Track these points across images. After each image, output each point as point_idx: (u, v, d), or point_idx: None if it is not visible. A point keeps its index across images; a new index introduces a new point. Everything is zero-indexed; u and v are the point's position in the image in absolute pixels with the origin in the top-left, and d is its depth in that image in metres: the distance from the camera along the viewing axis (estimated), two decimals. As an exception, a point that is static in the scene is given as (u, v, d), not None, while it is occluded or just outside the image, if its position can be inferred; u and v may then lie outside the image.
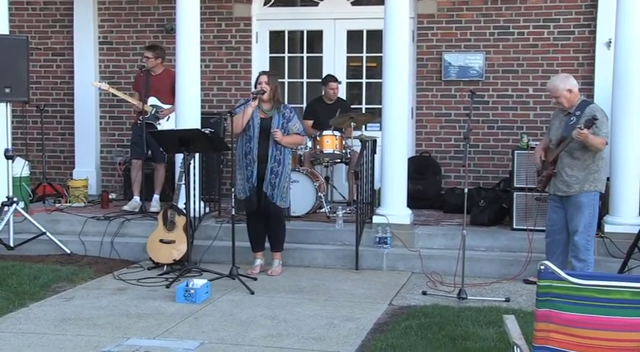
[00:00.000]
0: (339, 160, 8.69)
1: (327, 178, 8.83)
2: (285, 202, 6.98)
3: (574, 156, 6.25)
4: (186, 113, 7.91)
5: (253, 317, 5.66)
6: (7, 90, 7.93)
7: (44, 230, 7.68)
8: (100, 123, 10.22)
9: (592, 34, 8.77)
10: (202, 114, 8.17)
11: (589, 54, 8.82)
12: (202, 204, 7.98)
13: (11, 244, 7.60)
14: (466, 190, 6.41)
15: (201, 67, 8.19)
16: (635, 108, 7.11)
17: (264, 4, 9.82)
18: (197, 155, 7.52)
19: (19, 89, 8.05)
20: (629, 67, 7.09)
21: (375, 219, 7.57)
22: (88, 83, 9.38)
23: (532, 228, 7.08)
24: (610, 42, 8.38)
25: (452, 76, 9.22)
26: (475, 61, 9.15)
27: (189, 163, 6.98)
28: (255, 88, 6.93)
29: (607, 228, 7.16)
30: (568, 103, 6.35)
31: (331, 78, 9.03)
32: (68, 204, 8.97)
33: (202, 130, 6.85)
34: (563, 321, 3.27)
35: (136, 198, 8.64)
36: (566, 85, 6.33)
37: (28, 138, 9.99)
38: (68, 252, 7.64)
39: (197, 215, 7.68)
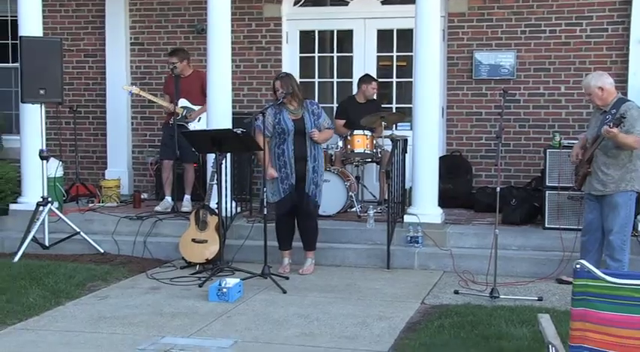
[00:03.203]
0: (369, 160, 8.68)
1: (357, 178, 8.81)
2: (320, 200, 7.07)
3: (609, 155, 6.17)
4: (217, 113, 7.96)
5: (286, 316, 5.69)
6: (42, 92, 8.02)
7: (78, 229, 7.78)
8: (132, 123, 10.31)
9: (626, 31, 8.66)
10: (233, 114, 8.21)
11: (622, 51, 8.71)
12: (234, 203, 8.03)
13: (46, 243, 7.72)
14: (498, 189, 6.38)
15: (231, 67, 8.23)
16: (670, 105, 7.02)
17: (294, 4, 9.84)
18: (229, 155, 7.55)
19: (53, 90, 8.15)
20: (663, 65, 7.02)
21: (407, 219, 7.56)
22: (119, 84, 9.42)
23: (564, 227, 7.02)
24: (644, 39, 8.32)
25: (483, 74, 9.17)
26: (506, 59, 9.08)
27: (221, 163, 7.02)
28: (274, 92, 7.00)
29: (641, 227, 7.09)
30: (600, 101, 6.28)
31: (372, 78, 9.02)
32: (101, 204, 9.07)
33: (234, 130, 6.88)
34: (600, 320, 3.24)
35: (168, 198, 8.70)
36: (598, 82, 6.25)
37: (62, 138, 10.09)
38: (102, 251, 7.73)
39: (229, 214, 7.73)
